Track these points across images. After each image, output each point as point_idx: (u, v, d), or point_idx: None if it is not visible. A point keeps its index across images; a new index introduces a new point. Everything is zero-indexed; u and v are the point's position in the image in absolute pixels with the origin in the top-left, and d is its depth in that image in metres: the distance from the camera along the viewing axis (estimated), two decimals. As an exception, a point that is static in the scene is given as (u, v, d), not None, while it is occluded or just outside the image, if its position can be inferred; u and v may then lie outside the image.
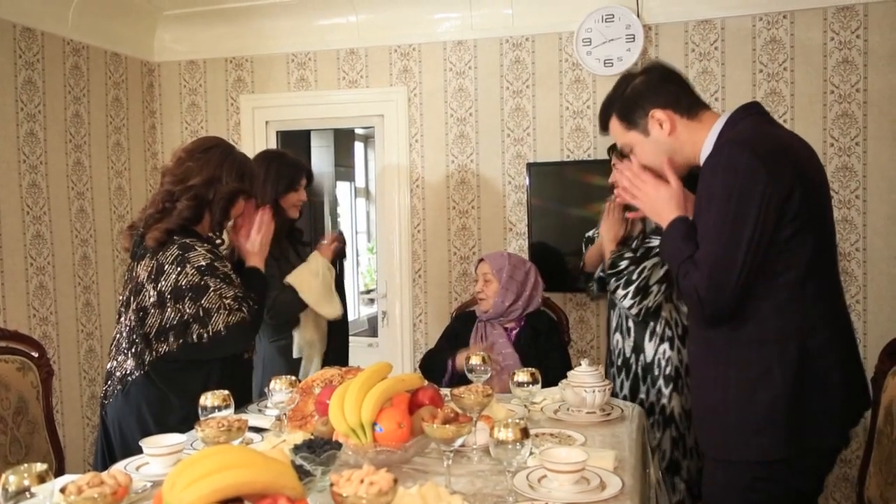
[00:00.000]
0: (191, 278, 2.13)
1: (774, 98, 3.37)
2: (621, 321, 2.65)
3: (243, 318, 2.17)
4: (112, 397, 2.21)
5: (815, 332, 1.60)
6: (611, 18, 3.48)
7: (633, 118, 1.80)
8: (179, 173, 2.22)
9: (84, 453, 3.65)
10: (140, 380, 2.16)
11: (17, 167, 3.33)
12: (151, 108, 4.21)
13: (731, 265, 1.56)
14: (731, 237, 1.56)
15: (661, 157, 1.80)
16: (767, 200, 1.55)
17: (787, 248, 1.58)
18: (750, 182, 1.55)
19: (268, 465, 1.26)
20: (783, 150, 1.62)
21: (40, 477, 1.26)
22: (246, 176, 2.31)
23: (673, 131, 1.76)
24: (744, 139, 1.62)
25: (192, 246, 2.16)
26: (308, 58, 4.00)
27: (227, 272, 2.20)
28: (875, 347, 2.73)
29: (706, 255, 1.60)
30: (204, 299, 2.13)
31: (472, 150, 3.79)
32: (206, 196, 2.22)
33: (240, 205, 2.33)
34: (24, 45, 3.35)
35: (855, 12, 3.25)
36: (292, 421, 1.96)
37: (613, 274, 2.56)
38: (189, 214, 2.20)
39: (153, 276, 2.16)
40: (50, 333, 3.48)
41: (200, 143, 2.32)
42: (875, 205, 3.27)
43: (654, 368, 2.55)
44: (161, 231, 2.16)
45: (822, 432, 1.61)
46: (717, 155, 1.64)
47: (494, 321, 2.84)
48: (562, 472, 1.58)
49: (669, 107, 1.76)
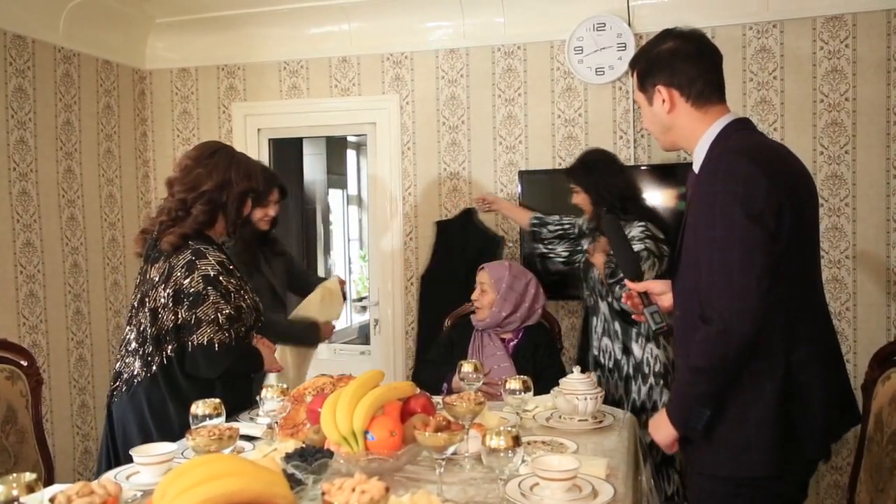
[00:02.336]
0: (195, 285, 2.15)
1: (764, 107, 3.39)
2: (607, 325, 2.68)
3: (229, 338, 2.17)
4: (118, 397, 2.23)
5: (798, 347, 1.60)
6: (602, 27, 3.50)
7: (644, 83, 1.79)
8: (189, 181, 2.25)
9: (74, 463, 3.62)
10: (145, 382, 2.18)
11: (8, 175, 3.31)
12: (143, 116, 4.20)
13: (748, 268, 1.53)
14: (743, 241, 1.54)
15: (657, 128, 1.80)
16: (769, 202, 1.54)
17: (779, 262, 1.58)
18: (752, 189, 1.54)
19: (259, 473, 1.26)
20: (779, 162, 1.63)
21: (29, 487, 1.25)
22: (253, 175, 2.35)
23: (672, 110, 1.74)
24: (742, 148, 1.62)
25: (204, 253, 2.19)
26: (300, 66, 4.00)
27: (228, 288, 2.21)
28: (865, 354, 2.75)
29: (720, 266, 1.55)
30: (200, 309, 2.14)
31: (464, 158, 3.79)
32: (219, 200, 2.26)
33: (248, 204, 2.38)
34: (14, 52, 3.34)
35: (844, 22, 3.28)
36: (284, 429, 1.95)
37: (616, 282, 2.60)
38: (204, 219, 2.24)
39: (164, 278, 2.19)
40: (40, 342, 3.46)
41: (204, 149, 2.34)
42: (864, 213, 3.29)
43: (643, 367, 2.63)
44: (177, 235, 2.19)
45: (805, 446, 1.60)
46: (717, 162, 1.63)
47: (491, 331, 2.83)
48: (554, 480, 1.57)
49: (677, 87, 1.73)
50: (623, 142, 3.56)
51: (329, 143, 5.97)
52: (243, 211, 2.35)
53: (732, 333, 1.54)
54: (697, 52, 1.74)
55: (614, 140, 3.57)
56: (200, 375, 2.18)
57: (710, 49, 1.76)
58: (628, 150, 3.54)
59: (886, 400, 2.14)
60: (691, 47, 1.74)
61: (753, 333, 1.54)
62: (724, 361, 1.56)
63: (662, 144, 1.84)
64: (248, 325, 2.30)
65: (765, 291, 1.53)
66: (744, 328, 1.53)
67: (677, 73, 1.72)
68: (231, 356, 2.18)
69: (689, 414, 1.62)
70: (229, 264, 2.27)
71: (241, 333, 2.25)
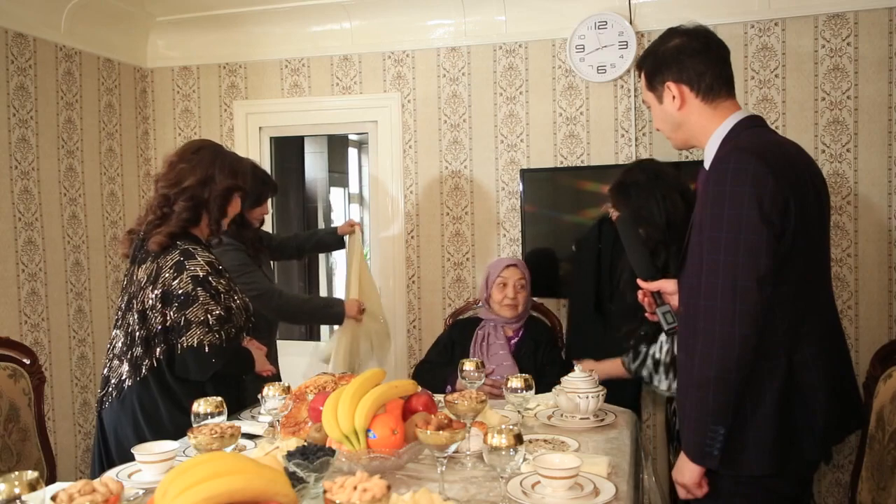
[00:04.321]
0: (184, 286, 2.13)
1: (766, 105, 3.39)
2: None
3: (220, 340, 2.15)
4: (108, 403, 2.20)
5: (801, 347, 1.59)
6: (604, 25, 3.50)
7: (653, 82, 1.79)
8: (173, 177, 2.23)
9: (76, 461, 3.62)
10: (136, 386, 2.15)
11: (9, 173, 3.31)
12: (144, 115, 4.20)
13: (751, 270, 1.52)
14: (749, 243, 1.53)
15: (669, 126, 1.80)
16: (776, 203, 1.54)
17: (783, 263, 1.57)
18: (760, 189, 1.53)
19: (260, 471, 1.26)
20: (788, 163, 1.62)
21: (31, 485, 1.25)
22: (239, 172, 2.32)
23: (683, 107, 1.74)
24: (751, 147, 1.61)
25: (193, 254, 2.17)
26: (302, 64, 4.00)
27: (218, 289, 2.18)
28: (867, 353, 2.74)
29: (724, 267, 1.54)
30: (189, 310, 2.12)
31: (465, 157, 3.79)
32: (201, 196, 2.23)
33: (236, 202, 2.34)
34: (16, 50, 3.34)
35: (846, 20, 3.27)
36: (285, 427, 1.95)
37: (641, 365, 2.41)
38: (188, 216, 2.21)
39: (152, 279, 2.16)
40: (42, 340, 3.47)
41: (190, 146, 2.33)
42: (866, 211, 3.29)
43: None
44: (164, 235, 2.17)
45: (803, 448, 1.60)
46: (725, 161, 1.62)
47: (499, 327, 2.85)
48: (555, 479, 1.58)
49: (686, 82, 1.73)
50: (625, 140, 3.56)
51: (330, 142, 5.97)
52: (227, 209, 2.31)
53: (734, 336, 1.53)
54: (704, 46, 1.74)
55: (616, 138, 3.57)
56: (190, 378, 2.15)
57: (716, 43, 1.76)
58: (630, 149, 3.54)
59: (888, 398, 2.15)
60: (698, 43, 1.74)
61: (755, 336, 1.53)
62: (728, 365, 1.54)
63: (675, 144, 1.84)
64: (239, 325, 2.27)
65: (767, 294, 1.53)
66: (745, 330, 1.52)
67: (685, 69, 1.72)
68: (221, 358, 2.15)
69: (703, 437, 1.58)
70: (218, 264, 2.25)
71: (232, 335, 2.22)
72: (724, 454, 1.58)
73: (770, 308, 1.56)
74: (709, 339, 1.56)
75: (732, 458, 1.60)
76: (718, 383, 1.55)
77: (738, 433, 1.59)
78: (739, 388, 1.56)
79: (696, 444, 1.60)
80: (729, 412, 1.56)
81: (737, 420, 1.59)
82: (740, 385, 1.56)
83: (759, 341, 1.54)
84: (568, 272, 3.42)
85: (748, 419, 1.59)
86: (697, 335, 1.60)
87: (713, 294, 1.56)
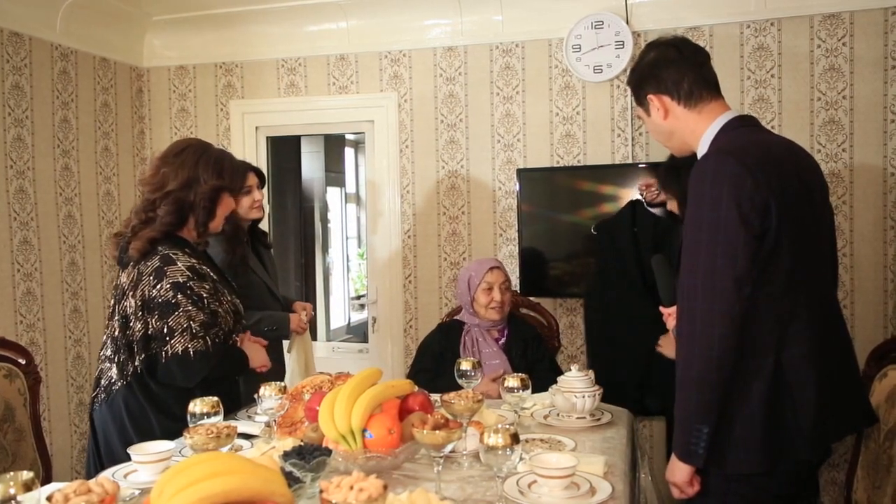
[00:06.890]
0: (164, 293, 2.08)
1: (762, 105, 3.39)
2: None
3: (205, 346, 2.09)
4: (98, 404, 2.20)
5: (789, 346, 1.60)
6: (600, 25, 3.50)
7: (638, 97, 1.86)
8: (156, 181, 2.18)
9: (72, 461, 3.62)
10: (123, 390, 2.13)
11: (5, 172, 3.30)
12: (140, 114, 4.19)
13: (729, 270, 1.54)
14: (727, 244, 1.55)
15: (662, 136, 1.87)
16: (754, 203, 1.55)
17: (766, 263, 1.58)
18: (737, 190, 1.55)
19: (257, 471, 1.26)
20: (771, 163, 1.63)
21: (26, 485, 1.25)
22: (225, 171, 2.25)
23: (668, 116, 1.80)
24: (730, 148, 1.64)
25: (173, 259, 2.11)
26: (298, 63, 4.00)
27: (201, 294, 2.13)
28: (862, 352, 2.74)
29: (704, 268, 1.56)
30: (171, 318, 2.07)
31: (462, 156, 3.79)
32: (185, 199, 2.17)
33: (227, 201, 2.29)
34: (11, 49, 3.34)
35: (841, 20, 3.28)
36: (282, 427, 1.95)
37: None
38: (171, 220, 2.16)
39: (132, 285, 2.13)
40: (37, 340, 3.46)
41: (173, 148, 2.27)
42: (862, 210, 3.30)
43: None
44: (144, 240, 2.12)
45: (794, 447, 1.61)
46: (705, 163, 1.66)
47: (485, 330, 2.83)
48: (552, 478, 1.58)
49: (666, 92, 1.78)
50: (621, 140, 3.56)
51: (327, 141, 5.97)
52: (216, 210, 2.25)
53: (713, 337, 1.55)
54: (677, 54, 1.80)
55: (612, 138, 3.57)
56: (177, 384, 2.10)
57: (689, 49, 1.82)
58: (626, 148, 3.54)
59: (883, 397, 2.15)
60: (671, 52, 1.81)
61: (734, 336, 1.55)
62: (708, 365, 1.56)
63: (673, 151, 1.92)
64: (227, 329, 2.22)
65: (746, 294, 1.55)
66: (724, 331, 1.55)
67: (662, 80, 1.79)
68: (208, 363, 2.09)
69: (689, 436, 1.60)
70: (201, 268, 2.18)
71: (220, 339, 2.17)
72: (710, 453, 1.60)
73: (754, 307, 1.57)
74: (690, 339, 1.59)
75: (720, 457, 1.61)
76: (700, 383, 1.58)
77: (725, 432, 1.60)
78: (723, 388, 1.57)
79: (682, 443, 1.63)
80: (712, 411, 1.58)
81: (723, 419, 1.59)
82: (723, 384, 1.57)
83: (739, 341, 1.56)
84: (565, 272, 3.42)
85: (735, 418, 1.59)
86: (681, 336, 1.62)
87: (693, 295, 1.59)
